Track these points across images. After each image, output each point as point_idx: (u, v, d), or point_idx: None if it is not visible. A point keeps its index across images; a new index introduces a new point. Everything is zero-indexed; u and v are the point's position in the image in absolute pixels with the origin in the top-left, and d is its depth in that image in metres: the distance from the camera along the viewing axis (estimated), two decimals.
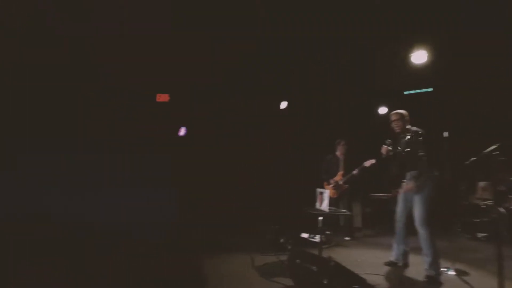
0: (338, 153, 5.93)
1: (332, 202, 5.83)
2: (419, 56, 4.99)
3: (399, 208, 3.94)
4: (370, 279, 3.36)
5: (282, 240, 4.77)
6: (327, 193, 4.12)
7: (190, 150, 6.83)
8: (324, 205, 4.08)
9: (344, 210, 5.08)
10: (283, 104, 7.30)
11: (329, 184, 5.78)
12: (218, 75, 6.48)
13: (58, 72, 5.78)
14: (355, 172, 5.56)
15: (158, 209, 6.20)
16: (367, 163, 5.41)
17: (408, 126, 3.85)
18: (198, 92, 6.88)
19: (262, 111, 7.29)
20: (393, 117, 3.89)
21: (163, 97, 6.89)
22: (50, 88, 6.00)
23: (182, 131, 6.99)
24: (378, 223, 6.93)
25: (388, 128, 3.99)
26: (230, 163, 7.08)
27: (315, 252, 3.70)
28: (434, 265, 3.46)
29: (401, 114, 3.88)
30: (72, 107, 6.39)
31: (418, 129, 3.79)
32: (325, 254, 4.11)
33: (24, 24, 4.86)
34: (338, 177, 5.81)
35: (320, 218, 4.16)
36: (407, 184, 3.77)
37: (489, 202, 5.76)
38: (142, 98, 6.76)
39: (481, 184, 5.89)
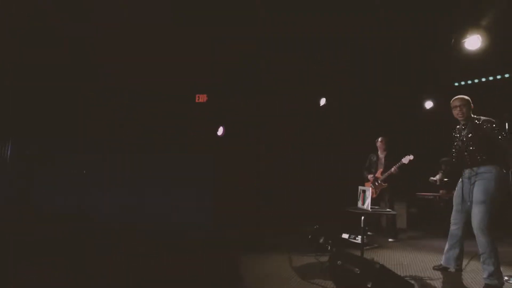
0: (379, 151, 5.76)
1: (372, 202, 5.61)
2: (473, 42, 4.58)
3: (455, 209, 3.54)
4: (419, 284, 3.13)
5: (321, 241, 4.60)
6: (369, 191, 3.90)
7: (230, 150, 6.81)
8: (367, 204, 3.86)
9: (388, 210, 4.80)
10: (323, 101, 7.09)
11: (368, 180, 5.58)
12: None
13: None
14: (393, 169, 5.31)
15: (197, 209, 6.28)
16: (405, 160, 5.17)
17: (473, 116, 3.38)
18: (235, 90, 6.86)
19: (301, 108, 7.12)
20: (456, 103, 3.39)
21: (202, 98, 6.96)
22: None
23: (221, 131, 6.98)
24: (424, 224, 6.54)
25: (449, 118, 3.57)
26: (270, 163, 7.00)
27: (358, 253, 3.50)
28: (496, 274, 3.05)
29: (466, 99, 3.39)
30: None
31: (489, 118, 3.26)
32: (367, 256, 3.91)
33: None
34: (378, 175, 5.61)
35: (362, 217, 3.95)
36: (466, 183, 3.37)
37: None
38: (181, 99, 6.86)
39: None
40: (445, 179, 4.74)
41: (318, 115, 7.26)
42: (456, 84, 7.13)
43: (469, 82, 7.23)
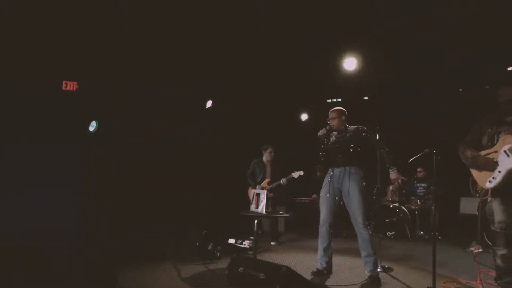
0: (264, 159, 5.77)
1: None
2: (350, 63, 5.17)
3: (326, 208, 3.59)
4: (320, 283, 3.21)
5: (210, 247, 4.35)
6: (264, 194, 3.88)
7: (106, 147, 5.91)
8: (261, 207, 3.82)
9: (282, 212, 4.90)
10: (209, 103, 6.92)
11: (255, 187, 5.63)
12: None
13: None
14: (283, 182, 5.41)
15: (63, 214, 5.21)
16: (295, 175, 5.31)
17: (346, 125, 3.71)
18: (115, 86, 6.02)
19: (191, 110, 6.77)
20: (333, 114, 3.68)
21: (70, 85, 5.84)
22: None
23: (94, 125, 6.01)
24: (300, 227, 7.00)
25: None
26: (156, 163, 6.38)
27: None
28: (376, 264, 3.42)
29: (341, 111, 3.70)
30: None
31: (360, 126, 3.63)
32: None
33: None
34: (264, 185, 5.66)
35: (256, 221, 3.90)
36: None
37: (396, 204, 6.28)
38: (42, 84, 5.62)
39: (390, 187, 6.37)
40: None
41: (206, 116, 7.02)
42: (329, 100, 8.01)
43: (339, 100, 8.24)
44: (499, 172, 2.84)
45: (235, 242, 4.92)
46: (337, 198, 3.57)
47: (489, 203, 2.98)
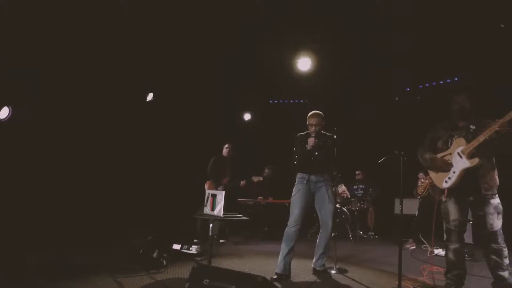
0: (224, 155, 5.70)
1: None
2: (304, 63, 5.14)
3: (299, 211, 3.57)
4: None
5: (155, 255, 3.89)
6: (222, 195, 3.57)
7: (26, 140, 4.99)
8: (218, 209, 3.51)
9: (239, 215, 4.62)
10: (149, 96, 6.34)
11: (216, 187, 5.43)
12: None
13: None
14: (242, 183, 5.44)
15: None
16: (255, 179, 5.42)
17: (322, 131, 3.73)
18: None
19: (130, 103, 6.11)
20: (313, 121, 3.63)
21: None
22: None
23: (5, 112, 5.02)
24: (243, 229, 6.81)
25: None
26: (89, 159, 5.58)
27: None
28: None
29: (323, 117, 3.70)
30: None
31: (332, 135, 3.76)
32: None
33: None
34: (224, 182, 5.53)
35: (211, 224, 3.58)
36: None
37: (337, 205, 6.48)
38: None
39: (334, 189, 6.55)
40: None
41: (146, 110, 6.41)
42: (271, 101, 7.99)
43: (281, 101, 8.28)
44: (454, 172, 3.01)
45: (181, 248, 4.51)
46: (310, 203, 3.65)
47: (444, 203, 3.14)
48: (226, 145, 5.67)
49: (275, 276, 3.42)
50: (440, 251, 4.88)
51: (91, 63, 5.33)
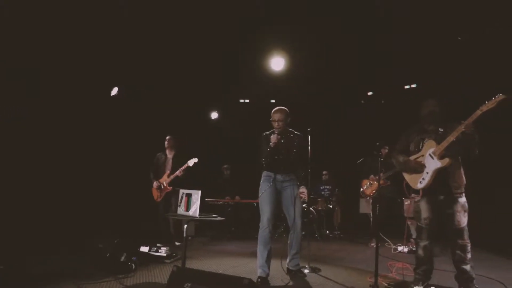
0: (167, 151, 5.39)
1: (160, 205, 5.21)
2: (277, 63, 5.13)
3: (269, 211, 3.50)
4: None
5: (123, 258, 3.65)
6: (198, 195, 3.43)
7: None
8: (194, 209, 3.37)
9: (215, 215, 4.46)
10: (114, 90, 6.00)
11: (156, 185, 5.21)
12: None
13: None
14: (178, 172, 5.03)
15: None
16: (190, 162, 5.01)
17: (289, 129, 3.67)
18: None
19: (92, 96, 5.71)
20: (277, 116, 3.50)
21: None
22: None
23: None
24: (208, 229, 6.67)
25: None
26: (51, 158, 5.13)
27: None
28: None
29: (287, 113, 3.57)
30: None
31: (300, 133, 3.72)
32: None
33: None
34: (164, 178, 5.23)
35: (185, 225, 3.43)
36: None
37: (304, 205, 6.56)
38: None
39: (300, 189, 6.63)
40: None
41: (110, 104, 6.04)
42: (241, 100, 7.91)
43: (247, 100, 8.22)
44: (427, 173, 3.14)
45: (149, 250, 4.29)
46: (277, 201, 3.61)
47: (417, 202, 3.28)
48: (168, 138, 5.38)
49: (259, 280, 3.33)
50: (403, 248, 5.10)
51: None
